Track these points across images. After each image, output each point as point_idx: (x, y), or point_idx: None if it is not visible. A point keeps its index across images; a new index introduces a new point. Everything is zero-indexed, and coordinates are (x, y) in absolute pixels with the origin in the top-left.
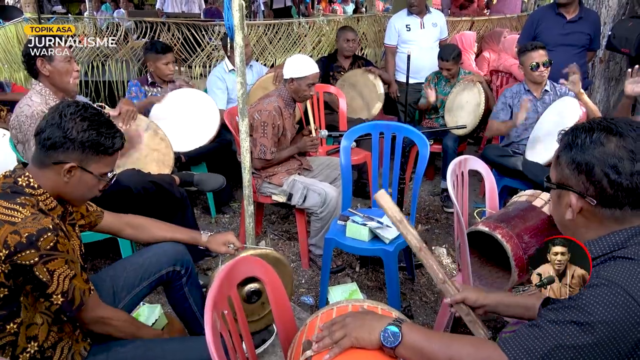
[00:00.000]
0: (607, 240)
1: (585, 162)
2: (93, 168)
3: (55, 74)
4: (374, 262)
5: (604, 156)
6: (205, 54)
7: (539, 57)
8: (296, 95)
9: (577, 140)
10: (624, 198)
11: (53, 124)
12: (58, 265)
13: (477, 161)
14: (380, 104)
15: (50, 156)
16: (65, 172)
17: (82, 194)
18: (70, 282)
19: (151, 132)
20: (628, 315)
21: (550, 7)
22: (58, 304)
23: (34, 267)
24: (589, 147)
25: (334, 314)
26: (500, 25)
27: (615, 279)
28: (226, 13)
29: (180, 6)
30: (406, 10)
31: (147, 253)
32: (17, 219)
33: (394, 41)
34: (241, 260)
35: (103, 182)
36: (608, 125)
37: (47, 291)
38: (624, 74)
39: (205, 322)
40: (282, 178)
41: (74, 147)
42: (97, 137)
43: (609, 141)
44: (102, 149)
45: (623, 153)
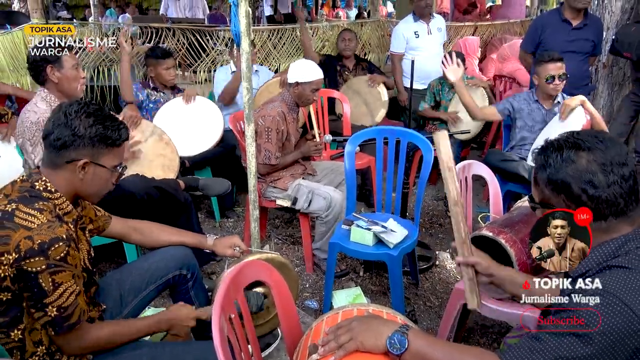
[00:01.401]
0: (599, 251)
1: (561, 181)
2: (104, 161)
3: (64, 81)
4: (378, 266)
5: (578, 173)
6: (209, 59)
7: (555, 69)
8: (300, 100)
9: (549, 160)
10: (605, 209)
11: (60, 124)
12: (65, 279)
13: (481, 166)
14: (384, 111)
15: (62, 156)
16: (79, 169)
17: (97, 188)
18: (75, 298)
19: (156, 137)
20: (625, 324)
21: (556, 13)
22: (51, 315)
23: (39, 274)
24: (562, 166)
25: (339, 318)
26: (503, 30)
27: (611, 289)
28: (233, 20)
29: (184, 11)
30: (412, 17)
31: (153, 257)
32: (33, 224)
33: (401, 49)
34: (247, 264)
35: (116, 175)
36: (575, 142)
37: (43, 300)
38: (628, 79)
39: (213, 326)
40: (287, 182)
41: (84, 143)
42: (104, 131)
43: (579, 157)
44: (110, 142)
45: (595, 167)
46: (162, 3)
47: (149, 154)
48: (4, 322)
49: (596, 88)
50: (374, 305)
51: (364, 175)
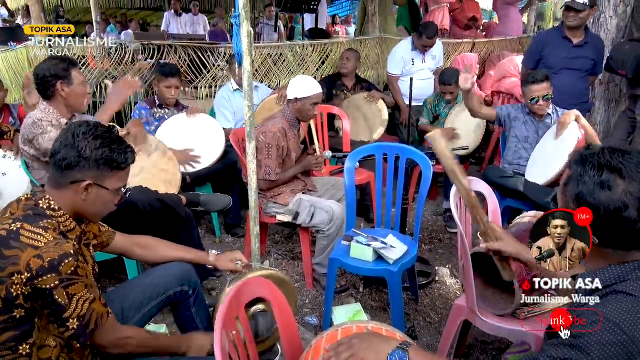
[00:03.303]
0: (608, 272)
1: (591, 204)
2: (108, 184)
3: (73, 96)
4: (378, 282)
5: (611, 202)
6: (211, 75)
7: (540, 90)
8: (301, 115)
9: (584, 177)
10: (628, 242)
11: (67, 145)
12: (78, 290)
13: (480, 183)
14: (382, 129)
15: (66, 176)
16: (82, 190)
17: (99, 209)
18: (89, 305)
19: (160, 152)
20: (623, 353)
21: (557, 31)
22: (74, 328)
23: (53, 290)
24: (596, 190)
25: (339, 335)
26: (501, 47)
27: (614, 318)
28: (235, 39)
29: (185, 28)
30: (411, 44)
31: (155, 273)
32: (40, 243)
33: (399, 71)
34: (249, 281)
35: (118, 197)
36: (618, 167)
37: (63, 316)
38: (624, 96)
39: (214, 343)
40: (288, 198)
41: (89, 165)
42: (110, 154)
43: (616, 185)
44: (115, 165)
45: (630, 200)
46: (164, 20)
47: (152, 169)
48: (13, 336)
49: (594, 105)
50: (373, 322)
51: (363, 191)
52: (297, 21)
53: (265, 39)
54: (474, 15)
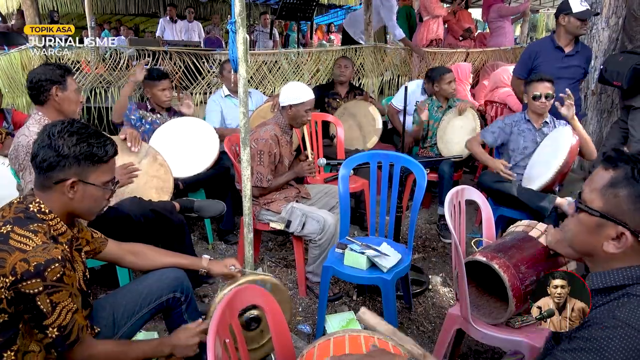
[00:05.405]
0: (630, 272)
1: None
2: (93, 179)
3: (66, 102)
4: (372, 290)
5: None
6: (205, 82)
7: (543, 89)
8: (294, 122)
9: None
10: None
11: (44, 146)
12: (62, 298)
13: (474, 191)
14: (376, 138)
15: (50, 177)
16: (68, 189)
17: (89, 206)
18: (72, 315)
19: (150, 158)
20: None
21: (549, 41)
22: (52, 337)
23: (36, 296)
24: None
25: (330, 344)
26: (495, 57)
27: (630, 322)
28: (231, 47)
29: (180, 35)
30: (422, 88)
31: (147, 280)
32: (28, 247)
33: (401, 106)
34: (242, 288)
35: (108, 191)
36: None
37: (43, 322)
38: (616, 106)
39: (207, 351)
40: (281, 205)
41: (69, 162)
42: (89, 149)
43: None
44: (96, 159)
45: None
46: (159, 26)
47: (143, 176)
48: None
49: (586, 115)
50: (378, 333)
51: (357, 198)
52: (292, 29)
53: (260, 46)
54: (470, 26)
